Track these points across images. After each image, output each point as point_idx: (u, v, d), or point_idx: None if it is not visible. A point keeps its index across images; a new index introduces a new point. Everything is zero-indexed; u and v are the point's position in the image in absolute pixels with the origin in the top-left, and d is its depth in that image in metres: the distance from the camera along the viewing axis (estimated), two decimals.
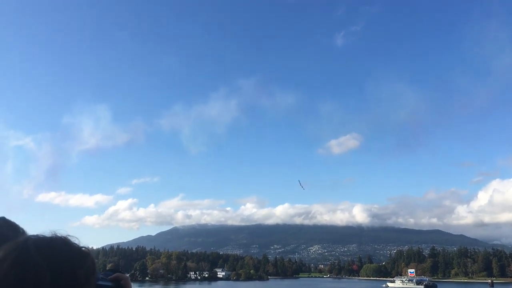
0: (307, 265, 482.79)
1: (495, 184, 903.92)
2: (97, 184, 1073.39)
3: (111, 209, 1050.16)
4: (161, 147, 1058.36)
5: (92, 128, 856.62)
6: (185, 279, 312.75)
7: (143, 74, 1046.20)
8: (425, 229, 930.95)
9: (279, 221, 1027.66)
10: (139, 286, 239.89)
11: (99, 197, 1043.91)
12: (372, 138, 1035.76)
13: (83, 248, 3.34)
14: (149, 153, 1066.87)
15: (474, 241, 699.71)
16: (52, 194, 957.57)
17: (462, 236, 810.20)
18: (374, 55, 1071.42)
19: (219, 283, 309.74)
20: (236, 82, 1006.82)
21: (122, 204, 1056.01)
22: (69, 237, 3.31)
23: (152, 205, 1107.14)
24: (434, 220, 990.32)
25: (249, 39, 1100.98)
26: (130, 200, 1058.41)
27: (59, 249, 3.31)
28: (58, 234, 3.32)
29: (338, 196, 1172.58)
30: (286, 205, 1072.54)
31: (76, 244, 3.33)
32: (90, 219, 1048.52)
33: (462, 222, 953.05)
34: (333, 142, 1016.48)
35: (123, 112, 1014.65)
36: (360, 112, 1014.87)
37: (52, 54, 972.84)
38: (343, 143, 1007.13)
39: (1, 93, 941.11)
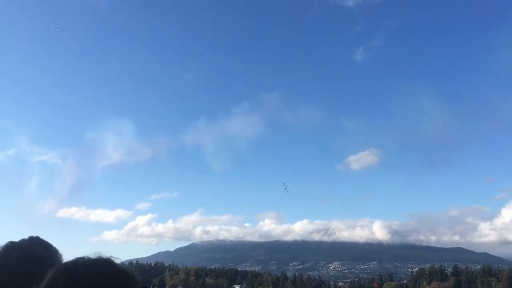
0: (326, 282, 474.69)
1: None
2: (118, 199, 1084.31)
3: (130, 225, 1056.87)
4: (182, 162, 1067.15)
5: (115, 143, 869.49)
6: None
7: (166, 89, 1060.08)
8: (447, 246, 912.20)
9: (298, 238, 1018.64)
10: None
11: (119, 212, 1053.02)
12: (392, 154, 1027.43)
13: (128, 270, 3.52)
14: (170, 168, 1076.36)
15: (499, 259, 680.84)
16: (73, 209, 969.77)
17: (485, 254, 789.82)
18: (397, 70, 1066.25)
19: None
20: (259, 97, 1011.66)
21: (141, 220, 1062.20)
22: (112, 258, 3.46)
23: (171, 220, 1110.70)
24: (456, 238, 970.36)
25: (270, 53, 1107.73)
26: (149, 216, 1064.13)
27: (105, 270, 3.45)
28: (103, 256, 3.49)
29: (358, 212, 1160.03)
30: (305, 221, 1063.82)
31: (120, 265, 3.47)
32: (109, 234, 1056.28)
33: (485, 239, 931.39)
34: (352, 158, 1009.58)
35: (146, 127, 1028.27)
36: (380, 127, 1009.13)
37: (74, 70, 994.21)
38: (363, 159, 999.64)
39: (25, 108, 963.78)
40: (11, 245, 4.12)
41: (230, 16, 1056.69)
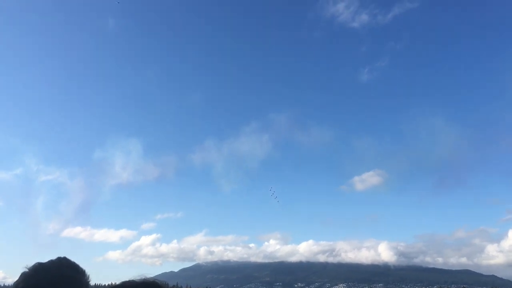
0: None
1: None
2: (123, 219, 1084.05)
3: (134, 245, 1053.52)
4: (189, 182, 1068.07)
5: (123, 162, 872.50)
6: None
7: (174, 109, 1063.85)
8: (454, 269, 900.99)
9: (303, 258, 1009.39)
10: None
11: (123, 232, 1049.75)
12: (398, 175, 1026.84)
13: None
14: (177, 188, 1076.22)
15: (506, 282, 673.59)
16: (78, 229, 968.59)
17: (493, 276, 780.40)
18: (403, 92, 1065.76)
19: None
20: (268, 116, 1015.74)
21: (146, 240, 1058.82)
22: (156, 281, 3.57)
23: (175, 240, 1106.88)
24: (464, 260, 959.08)
25: (278, 73, 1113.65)
26: (153, 236, 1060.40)
27: None
28: (148, 278, 3.62)
29: (363, 233, 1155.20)
30: (310, 241, 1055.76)
31: (165, 285, 3.56)
32: (113, 254, 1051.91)
33: (493, 262, 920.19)
34: (356, 178, 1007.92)
35: (155, 147, 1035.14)
36: (386, 148, 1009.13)
37: (83, 90, 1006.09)
38: (367, 179, 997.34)
39: (34, 127, 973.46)
40: (40, 266, 4.15)
41: (239, 36, 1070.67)
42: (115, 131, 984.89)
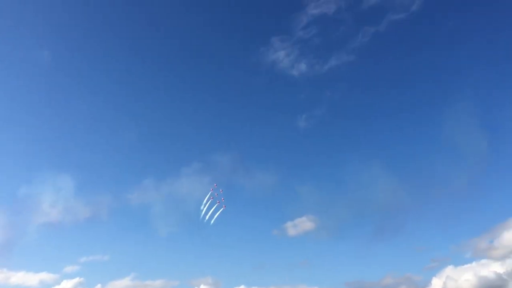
0: None
1: (448, 271, 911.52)
2: (45, 261, 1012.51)
3: None
4: (123, 223, 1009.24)
5: (51, 200, 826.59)
6: None
7: (111, 145, 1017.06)
8: None
9: None
10: None
11: (43, 276, 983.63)
12: (333, 221, 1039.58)
13: None
14: (109, 229, 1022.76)
15: None
16: None
17: None
18: (339, 140, 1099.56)
19: None
20: (209, 158, 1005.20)
21: (67, 284, 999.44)
22: None
23: (99, 285, 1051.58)
24: None
25: (220, 115, 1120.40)
26: (76, 280, 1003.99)
27: None
28: None
29: (295, 278, 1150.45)
30: (242, 287, 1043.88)
31: None
32: None
33: None
34: (289, 223, 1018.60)
35: (88, 184, 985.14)
36: (324, 194, 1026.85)
37: (11, 121, 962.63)
38: (299, 225, 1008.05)
39: None
40: None
41: (180, 75, 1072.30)
42: (44, 166, 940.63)
